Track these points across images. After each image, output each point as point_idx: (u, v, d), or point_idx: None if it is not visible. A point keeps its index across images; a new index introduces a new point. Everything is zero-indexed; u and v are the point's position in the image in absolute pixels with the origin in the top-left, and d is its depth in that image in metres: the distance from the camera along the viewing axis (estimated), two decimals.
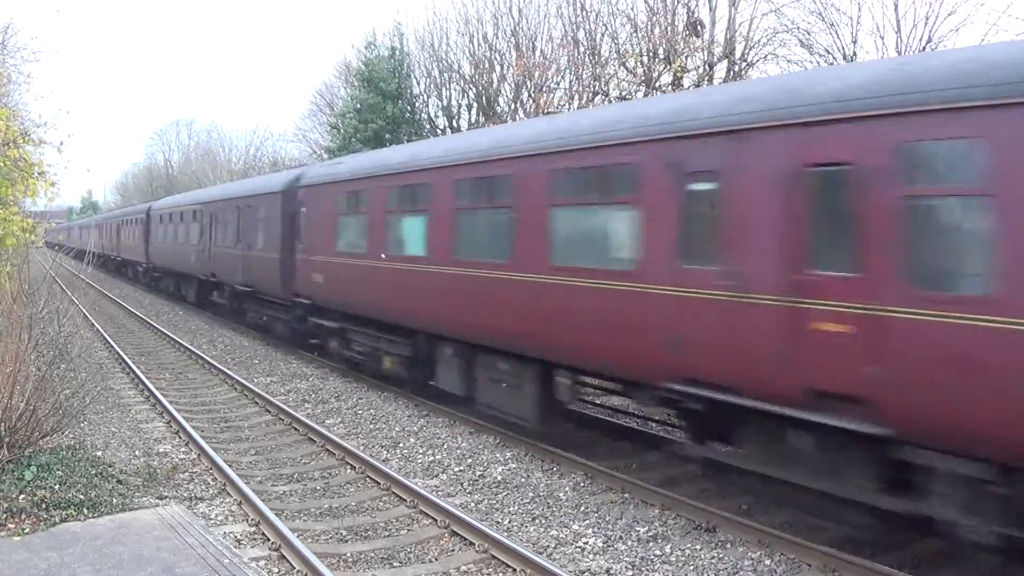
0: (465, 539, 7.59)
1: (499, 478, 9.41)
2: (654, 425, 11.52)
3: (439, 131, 29.87)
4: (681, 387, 7.62)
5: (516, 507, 8.50)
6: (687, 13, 21.51)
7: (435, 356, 12.17)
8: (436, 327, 11.83)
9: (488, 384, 10.95)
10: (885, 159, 6.07)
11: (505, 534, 7.61)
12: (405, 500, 8.69)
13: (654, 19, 21.60)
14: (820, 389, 6.48)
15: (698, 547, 7.35)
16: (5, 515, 7.48)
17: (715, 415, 7.55)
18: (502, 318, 10.21)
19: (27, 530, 7.26)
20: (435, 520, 8.10)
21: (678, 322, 7.58)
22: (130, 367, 16.31)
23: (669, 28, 21.16)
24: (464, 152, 11.57)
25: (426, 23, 38.88)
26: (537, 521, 8.11)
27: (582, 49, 23.82)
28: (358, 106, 29.96)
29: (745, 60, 21.25)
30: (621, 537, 7.62)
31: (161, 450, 10.70)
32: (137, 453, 10.50)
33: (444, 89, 30.11)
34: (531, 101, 25.26)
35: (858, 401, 6.25)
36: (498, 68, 27.66)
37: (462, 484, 9.30)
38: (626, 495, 8.72)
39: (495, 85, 27.75)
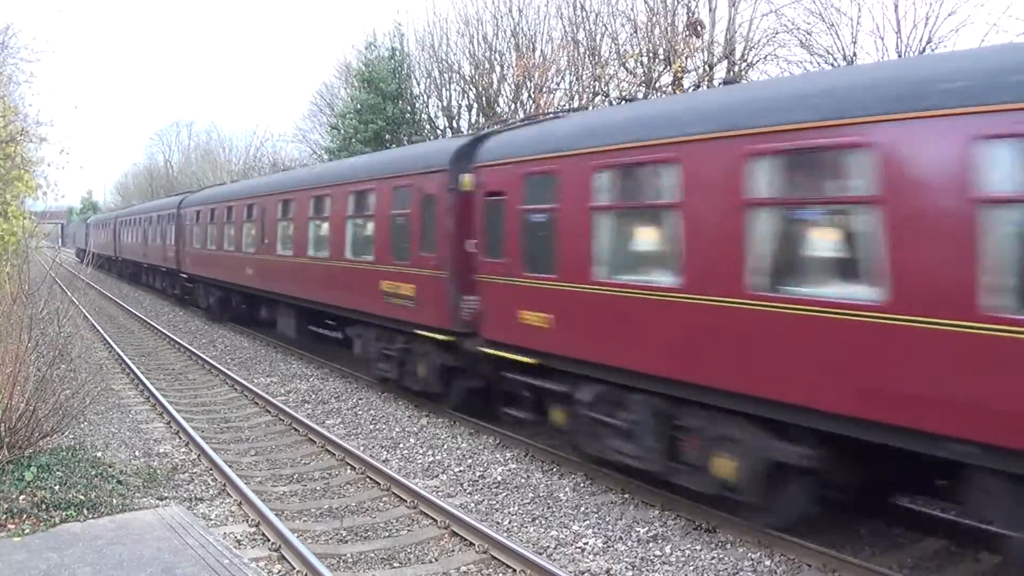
0: (465, 539, 7.58)
1: (499, 478, 9.41)
2: None
3: (439, 132, 29.90)
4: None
5: (516, 507, 8.50)
6: (687, 14, 21.55)
7: None
8: None
9: None
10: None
11: (505, 534, 7.61)
12: (405, 501, 8.69)
13: (654, 19, 21.62)
14: None
15: (698, 547, 7.35)
16: (5, 516, 7.48)
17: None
18: None
19: (27, 531, 7.26)
20: (435, 520, 8.09)
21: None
22: (130, 368, 16.31)
23: (669, 28, 21.18)
24: None
25: (426, 24, 38.92)
26: (537, 521, 8.11)
27: (582, 50, 23.84)
28: (358, 107, 29.96)
29: (745, 60, 21.29)
30: (621, 537, 7.61)
31: (161, 451, 10.71)
32: (137, 454, 10.50)
33: (444, 90, 30.15)
34: (531, 101, 25.28)
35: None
36: (498, 68, 27.70)
37: (462, 484, 9.29)
38: (626, 495, 8.72)
39: (495, 86, 27.78)
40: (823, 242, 6.73)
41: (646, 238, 8.46)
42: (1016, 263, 5.43)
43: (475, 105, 28.88)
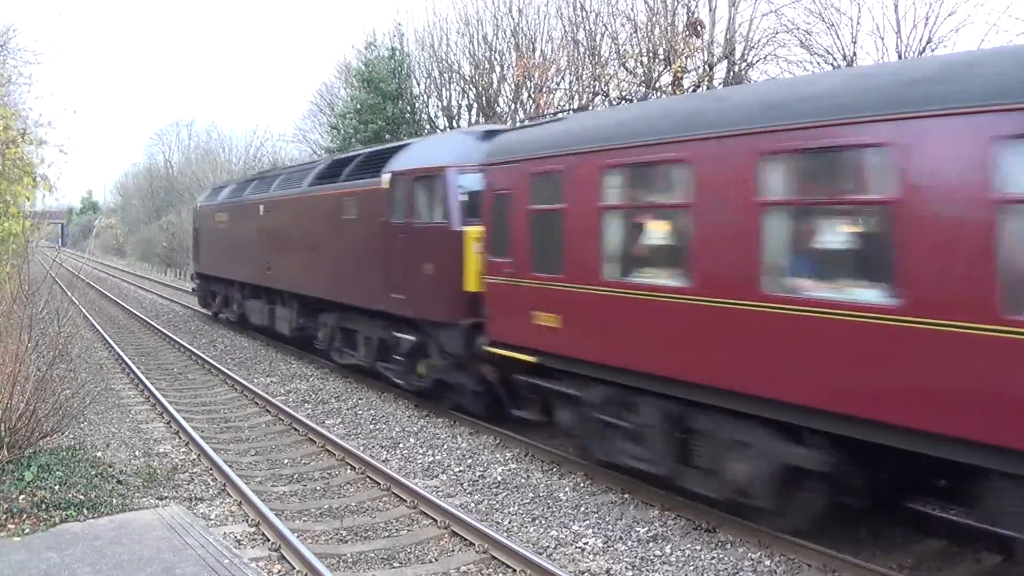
0: (465, 539, 7.58)
1: (499, 478, 9.41)
2: None
3: (439, 132, 29.88)
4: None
5: (516, 507, 8.50)
6: (687, 13, 21.56)
7: None
8: None
9: None
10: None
11: (505, 534, 7.61)
12: (405, 500, 8.69)
13: (654, 19, 21.63)
14: None
15: (698, 547, 7.35)
16: (5, 515, 7.48)
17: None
18: None
19: (27, 530, 7.26)
20: (435, 520, 8.10)
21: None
22: (130, 368, 16.31)
23: (669, 28, 21.19)
24: None
25: (426, 23, 39.01)
26: (537, 521, 8.11)
27: (582, 50, 23.85)
28: (358, 107, 29.94)
29: (745, 60, 21.29)
30: (621, 537, 7.61)
31: (161, 450, 10.71)
32: (137, 453, 10.50)
33: (444, 89, 30.15)
34: (531, 101, 25.28)
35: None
36: (498, 68, 27.71)
37: (462, 484, 9.30)
38: (626, 495, 8.71)
39: (495, 85, 27.79)
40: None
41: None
42: None
43: (475, 105, 28.88)
